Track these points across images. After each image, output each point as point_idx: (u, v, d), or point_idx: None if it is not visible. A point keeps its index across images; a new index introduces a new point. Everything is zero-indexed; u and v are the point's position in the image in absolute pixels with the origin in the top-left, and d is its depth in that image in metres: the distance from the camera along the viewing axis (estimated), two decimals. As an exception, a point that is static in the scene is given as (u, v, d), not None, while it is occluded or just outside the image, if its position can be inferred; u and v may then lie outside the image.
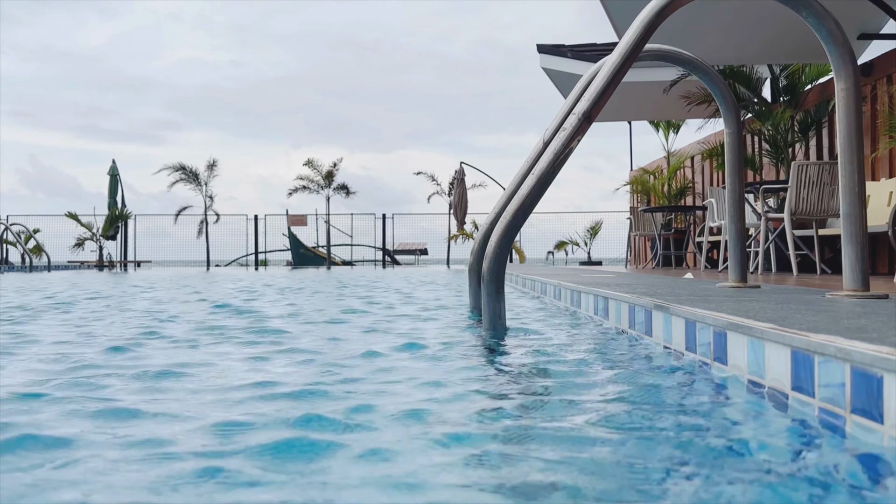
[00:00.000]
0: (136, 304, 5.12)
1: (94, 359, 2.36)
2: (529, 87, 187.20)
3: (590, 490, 1.06)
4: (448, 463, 1.20)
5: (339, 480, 1.11)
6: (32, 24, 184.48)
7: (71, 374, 2.06)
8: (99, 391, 1.80)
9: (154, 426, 1.43)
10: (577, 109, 2.74)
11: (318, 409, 1.54)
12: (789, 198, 6.59)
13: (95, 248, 20.94)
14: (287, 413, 1.51)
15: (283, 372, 2.09)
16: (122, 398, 1.72)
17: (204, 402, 1.66)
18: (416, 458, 1.22)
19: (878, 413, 1.16)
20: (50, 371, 2.11)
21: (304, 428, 1.39)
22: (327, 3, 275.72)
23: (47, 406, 1.61)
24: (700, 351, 1.97)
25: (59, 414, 1.54)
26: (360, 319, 3.79)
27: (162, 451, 1.26)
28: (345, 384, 1.87)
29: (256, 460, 1.19)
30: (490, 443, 1.32)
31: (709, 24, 7.44)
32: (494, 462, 1.21)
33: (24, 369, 2.16)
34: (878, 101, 7.68)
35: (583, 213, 25.39)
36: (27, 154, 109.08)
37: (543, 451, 1.25)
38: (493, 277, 2.79)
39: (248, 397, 1.71)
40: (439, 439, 1.32)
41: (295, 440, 1.29)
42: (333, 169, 21.79)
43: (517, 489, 1.08)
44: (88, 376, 2.00)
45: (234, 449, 1.25)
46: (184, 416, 1.52)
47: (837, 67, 2.64)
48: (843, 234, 2.61)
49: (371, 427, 1.40)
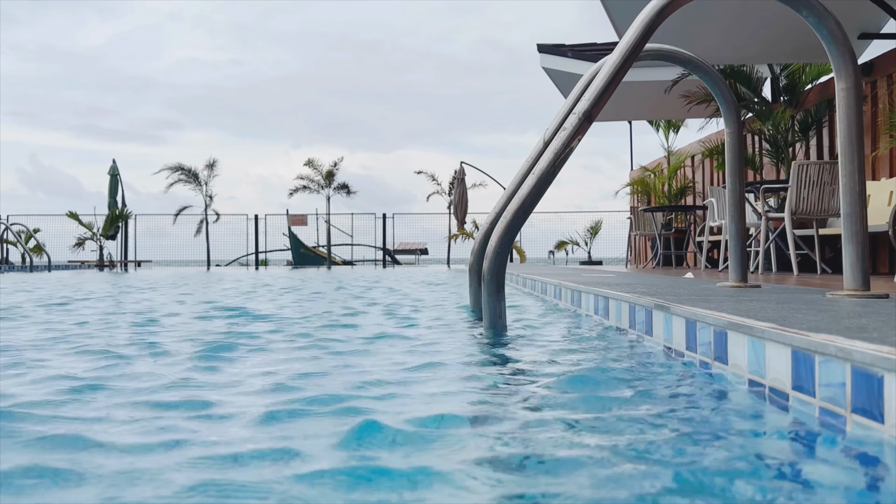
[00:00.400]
0: (156, 306, 5.12)
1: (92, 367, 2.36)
2: (530, 86, 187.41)
3: (590, 491, 1.06)
4: (447, 462, 1.20)
5: (333, 481, 1.11)
6: (33, 23, 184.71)
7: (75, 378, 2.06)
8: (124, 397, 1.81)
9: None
10: (577, 109, 2.74)
11: (314, 407, 1.54)
12: (790, 197, 6.59)
13: (96, 248, 20.95)
14: (279, 407, 1.51)
15: (278, 373, 2.09)
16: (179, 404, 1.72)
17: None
18: (413, 455, 1.22)
19: (879, 412, 1.16)
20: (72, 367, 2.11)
21: (295, 430, 1.39)
22: (327, 2, 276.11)
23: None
24: (701, 350, 1.97)
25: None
26: (359, 319, 3.79)
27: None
28: (341, 385, 1.87)
29: (232, 468, 1.19)
30: (490, 442, 1.32)
31: (709, 23, 7.44)
32: (496, 461, 1.21)
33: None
34: (878, 100, 7.67)
35: (583, 213, 25.38)
36: (27, 153, 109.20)
37: (545, 450, 1.25)
38: (494, 277, 2.79)
39: (241, 410, 1.71)
40: (438, 438, 1.32)
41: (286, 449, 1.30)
42: (334, 168, 21.80)
43: (518, 487, 1.08)
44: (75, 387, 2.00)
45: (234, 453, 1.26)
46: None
47: (838, 67, 2.64)
48: (843, 234, 2.61)
49: (369, 427, 1.40)
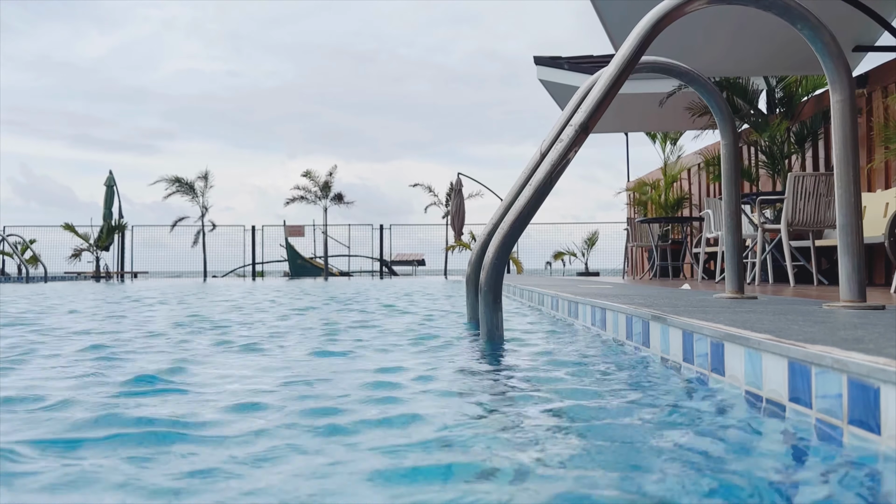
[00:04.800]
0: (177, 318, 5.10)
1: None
2: (526, 97, 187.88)
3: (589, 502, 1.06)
4: (443, 474, 1.19)
5: (337, 488, 1.11)
6: (32, 35, 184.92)
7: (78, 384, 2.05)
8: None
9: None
10: (574, 121, 2.75)
11: (313, 420, 1.54)
12: (786, 209, 6.61)
13: (92, 259, 20.92)
14: (275, 425, 1.51)
15: (272, 387, 2.09)
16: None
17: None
18: (411, 466, 1.22)
19: (876, 424, 1.16)
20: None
21: (294, 437, 1.38)
22: (324, 13, 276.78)
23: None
24: (698, 362, 1.97)
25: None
26: (357, 331, 3.78)
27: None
28: (338, 394, 1.87)
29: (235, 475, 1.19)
30: (487, 453, 1.31)
31: (705, 36, 7.48)
32: (492, 474, 1.21)
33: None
34: (873, 112, 7.71)
35: (580, 224, 25.42)
36: (19, 163, 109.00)
37: (543, 462, 1.25)
38: (491, 288, 2.79)
39: (235, 419, 1.71)
40: (435, 449, 1.32)
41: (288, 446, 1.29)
42: (329, 178, 21.82)
43: (515, 500, 1.08)
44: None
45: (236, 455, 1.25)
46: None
47: (833, 79, 2.66)
48: (839, 245, 2.62)
49: (365, 438, 1.40)
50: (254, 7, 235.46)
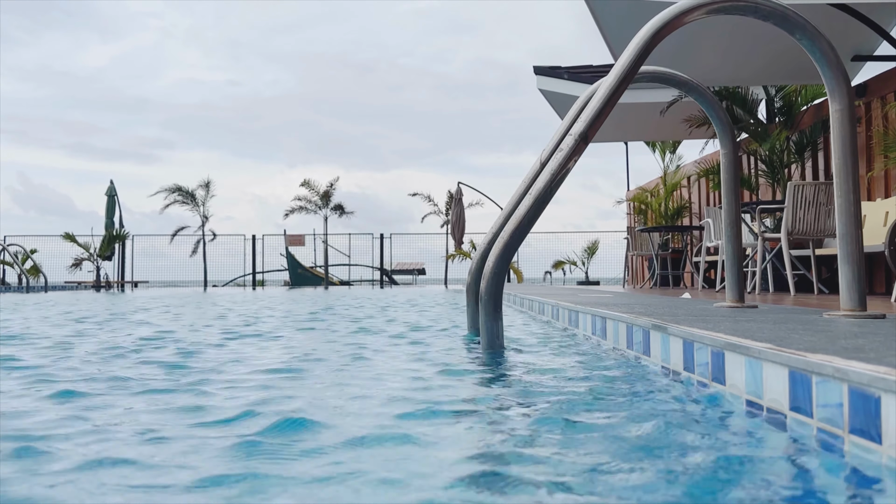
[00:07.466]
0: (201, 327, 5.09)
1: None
2: (526, 106, 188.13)
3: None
4: (443, 484, 1.19)
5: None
6: (33, 45, 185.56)
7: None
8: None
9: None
10: (573, 130, 2.75)
11: (313, 433, 1.53)
12: (786, 218, 6.62)
13: (93, 269, 20.90)
14: (279, 437, 1.51)
15: (272, 389, 2.08)
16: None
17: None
18: (410, 479, 1.21)
19: (877, 433, 1.16)
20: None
21: (292, 450, 1.38)
22: (324, 23, 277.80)
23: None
24: (698, 371, 1.97)
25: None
26: (357, 338, 3.78)
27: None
28: (337, 403, 1.86)
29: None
30: (486, 463, 1.31)
31: (705, 45, 7.50)
32: (492, 484, 1.21)
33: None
34: (873, 121, 7.73)
35: (580, 233, 25.45)
36: (17, 172, 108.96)
37: (543, 472, 1.25)
38: (491, 297, 2.79)
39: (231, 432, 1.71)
40: (435, 459, 1.32)
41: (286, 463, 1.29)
42: (330, 189, 21.82)
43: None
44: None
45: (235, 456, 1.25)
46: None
47: (831, 89, 2.67)
48: (839, 254, 2.62)
49: (365, 448, 1.40)
50: (254, 16, 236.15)
